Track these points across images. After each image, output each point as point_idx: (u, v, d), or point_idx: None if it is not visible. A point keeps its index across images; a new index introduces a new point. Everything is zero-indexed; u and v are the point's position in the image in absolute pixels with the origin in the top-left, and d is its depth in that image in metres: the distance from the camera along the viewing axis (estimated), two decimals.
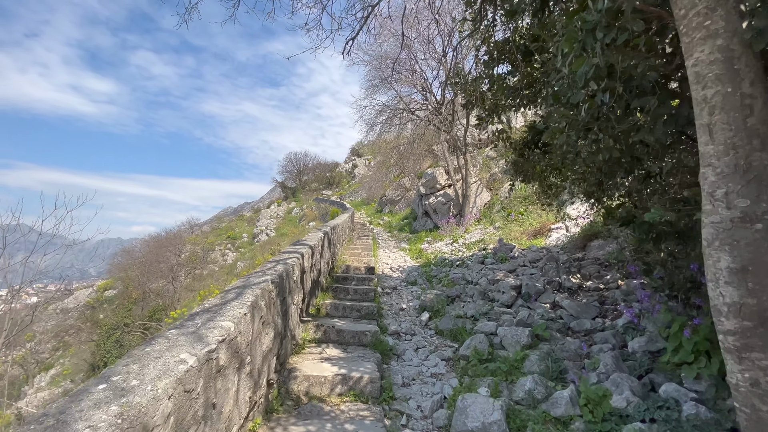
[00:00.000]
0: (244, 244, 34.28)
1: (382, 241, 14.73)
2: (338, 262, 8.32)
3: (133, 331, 19.39)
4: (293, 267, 3.76)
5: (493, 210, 13.43)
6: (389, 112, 14.29)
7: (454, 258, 9.35)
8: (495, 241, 9.60)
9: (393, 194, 26.60)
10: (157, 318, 21.15)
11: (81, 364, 21.33)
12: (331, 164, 44.04)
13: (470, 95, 6.06)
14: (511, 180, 6.21)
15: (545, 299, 5.36)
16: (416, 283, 7.90)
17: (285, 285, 3.40)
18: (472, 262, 8.49)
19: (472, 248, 9.92)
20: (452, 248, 10.56)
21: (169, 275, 21.04)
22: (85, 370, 20.91)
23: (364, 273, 7.99)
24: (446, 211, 14.77)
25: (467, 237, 11.26)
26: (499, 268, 7.27)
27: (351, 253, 9.91)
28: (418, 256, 10.73)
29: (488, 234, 10.74)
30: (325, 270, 6.33)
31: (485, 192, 14.78)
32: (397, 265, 9.83)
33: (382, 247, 13.27)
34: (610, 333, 4.05)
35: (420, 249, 11.63)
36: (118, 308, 21.69)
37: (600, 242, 6.88)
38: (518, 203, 11.89)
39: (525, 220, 10.25)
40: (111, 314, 20.99)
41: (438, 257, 9.84)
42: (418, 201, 16.79)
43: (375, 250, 11.70)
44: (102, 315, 24.95)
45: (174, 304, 21.09)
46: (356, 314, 5.45)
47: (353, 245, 11.51)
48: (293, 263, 3.76)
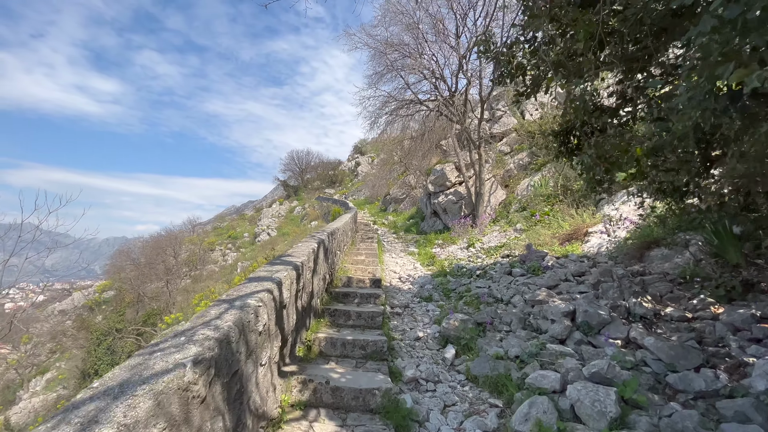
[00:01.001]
0: (245, 244, 32.94)
1: (388, 243, 13.28)
2: (338, 273, 6.88)
3: (126, 337, 18.08)
4: (257, 312, 2.31)
5: (511, 209, 11.94)
6: (395, 103, 12.80)
7: (473, 266, 7.89)
8: (520, 247, 8.12)
9: (397, 193, 25.13)
10: (152, 323, 19.84)
11: (74, 369, 20.09)
12: (333, 162, 42.59)
13: (507, 64, 4.58)
14: (581, 167, 4.73)
15: (614, 333, 3.90)
16: (431, 299, 6.44)
17: (232, 354, 1.95)
18: (496, 272, 7.03)
19: (492, 254, 8.44)
20: (468, 254, 9.09)
21: (164, 277, 19.69)
22: (76, 377, 19.63)
23: (369, 286, 6.54)
24: (457, 210, 13.30)
25: (485, 240, 9.78)
26: (534, 283, 5.80)
27: (353, 260, 8.47)
28: (429, 263, 9.26)
29: (509, 238, 9.25)
30: (320, 288, 4.90)
31: (500, 190, 13.28)
32: (406, 274, 8.37)
33: (388, 250, 11.82)
34: (749, 403, 2.59)
35: (431, 254, 10.16)
36: (112, 312, 20.39)
37: (663, 251, 5.40)
38: (541, 202, 10.39)
39: (552, 222, 8.77)
40: (102, 319, 19.68)
41: (453, 264, 8.38)
42: (426, 200, 15.31)
43: (380, 255, 10.25)
44: (101, 316, 23.70)
45: (169, 307, 19.78)
46: (359, 352, 4.00)
47: (356, 249, 10.07)
48: (255, 306, 2.29)
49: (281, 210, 36.33)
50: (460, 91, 11.61)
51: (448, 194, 13.61)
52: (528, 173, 13.27)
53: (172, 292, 19.53)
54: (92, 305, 27.31)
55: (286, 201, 38.83)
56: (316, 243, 4.53)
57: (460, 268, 8.06)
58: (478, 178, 12.26)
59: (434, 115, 12.82)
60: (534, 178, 12.51)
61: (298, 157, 40.11)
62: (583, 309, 4.20)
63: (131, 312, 21.48)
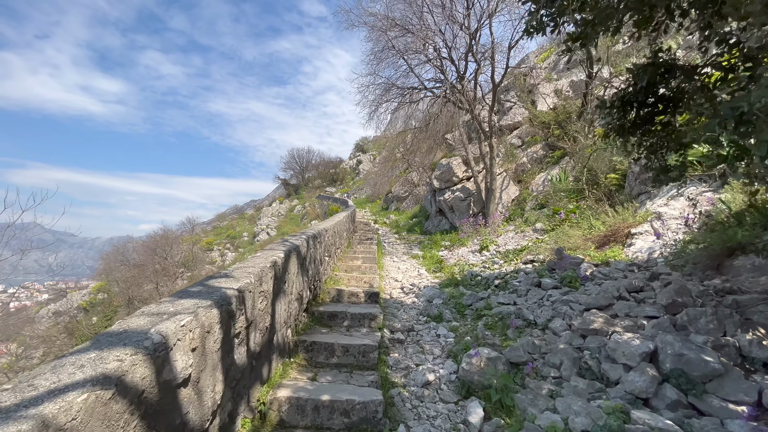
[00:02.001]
0: (244, 244, 31.64)
1: (389, 245, 11.86)
2: (326, 284, 5.47)
3: None
4: None
5: (526, 207, 10.49)
6: (397, 90, 11.36)
7: (490, 274, 6.46)
8: (545, 250, 6.68)
9: (400, 190, 23.71)
10: None
11: None
12: (334, 160, 41.19)
13: None
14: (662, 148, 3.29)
15: (732, 391, 2.48)
16: (442, 318, 5.02)
17: None
18: (520, 283, 5.59)
19: (511, 259, 7.00)
20: (482, 258, 7.65)
21: (154, 279, 18.37)
22: None
23: (364, 301, 5.14)
24: (465, 208, 11.87)
25: (500, 242, 8.33)
26: (577, 301, 4.37)
27: (348, 265, 7.07)
28: (436, 269, 7.84)
29: (530, 239, 7.80)
30: (292, 313, 3.49)
31: (512, 185, 11.84)
32: (410, 283, 6.95)
33: (390, 253, 10.41)
34: None
35: (437, 258, 8.74)
36: (99, 317, 19.10)
37: (754, 260, 3.96)
38: (562, 198, 8.93)
39: (581, 221, 7.33)
40: (85, 326, 18.38)
41: (466, 272, 6.95)
42: (431, 197, 13.88)
43: (380, 259, 8.84)
44: (95, 318, 22.45)
45: None
46: (341, 421, 2.58)
47: (352, 252, 8.66)
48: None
49: (281, 209, 34.99)
50: (468, 77, 10.18)
51: (455, 191, 12.18)
52: (543, 167, 11.82)
53: (162, 296, 18.23)
54: (87, 306, 26.11)
55: (286, 200, 37.52)
56: (282, 253, 3.11)
57: (473, 276, 6.63)
58: (488, 173, 10.82)
59: (440, 103, 11.38)
60: (551, 172, 11.07)
61: (298, 155, 38.77)
62: (675, 350, 2.77)
63: (122, 315, 20.20)
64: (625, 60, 12.32)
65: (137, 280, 18.73)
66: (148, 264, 18.97)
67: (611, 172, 8.32)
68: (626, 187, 7.85)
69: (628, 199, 7.41)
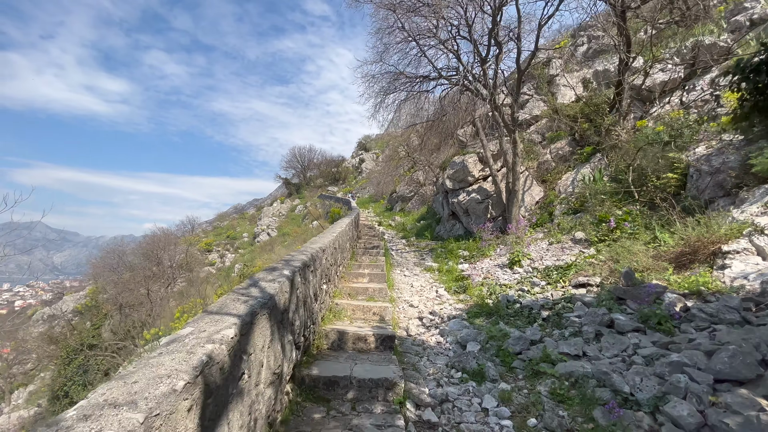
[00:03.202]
0: (244, 245, 30.24)
1: (398, 252, 10.38)
2: (323, 322, 4.00)
3: (99, 355, 15.39)
4: None
5: (555, 211, 8.98)
6: (405, 79, 9.84)
7: (532, 301, 4.97)
8: (601, 270, 5.19)
9: (405, 190, 22.20)
10: (133, 336, 17.18)
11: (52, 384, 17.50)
12: (337, 159, 39.66)
13: None
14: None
15: None
16: (484, 375, 3.54)
17: None
18: (582, 319, 4.11)
19: (556, 280, 5.50)
20: (516, 277, 6.15)
21: (145, 285, 16.97)
22: (48, 397, 17.00)
23: (375, 349, 3.68)
24: (483, 212, 10.37)
25: (534, 255, 6.82)
26: (692, 363, 2.88)
27: (352, 287, 5.58)
28: (458, 289, 6.34)
29: (573, 253, 6.29)
30: (265, 406, 2.04)
31: (536, 186, 10.33)
32: (429, 310, 5.48)
33: (399, 264, 8.93)
34: None
35: (457, 272, 7.25)
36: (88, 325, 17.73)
37: None
38: (604, 202, 7.42)
39: (639, 232, 5.82)
40: (74, 332, 17.01)
41: (498, 295, 5.47)
42: (442, 199, 12.37)
43: (389, 273, 7.37)
44: (89, 322, 21.12)
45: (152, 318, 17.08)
46: None
47: (357, 266, 7.19)
48: None
49: (282, 209, 33.55)
50: (489, 63, 8.62)
51: (471, 192, 10.67)
52: (571, 165, 10.30)
53: (155, 302, 16.83)
54: (82, 309, 24.79)
55: (288, 199, 36.08)
56: (235, 328, 1.64)
57: (510, 302, 5.14)
58: (511, 171, 9.31)
59: (455, 93, 9.87)
60: (582, 171, 9.55)
61: (300, 154, 37.27)
62: None
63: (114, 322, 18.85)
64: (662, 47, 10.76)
65: (128, 285, 17.34)
66: (139, 269, 17.57)
67: (667, 170, 6.80)
68: (689, 190, 6.33)
69: (694, 204, 5.89)
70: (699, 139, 7.36)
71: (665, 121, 8.42)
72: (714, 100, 8.42)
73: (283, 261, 3.02)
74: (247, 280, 2.32)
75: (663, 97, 9.64)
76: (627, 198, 7.32)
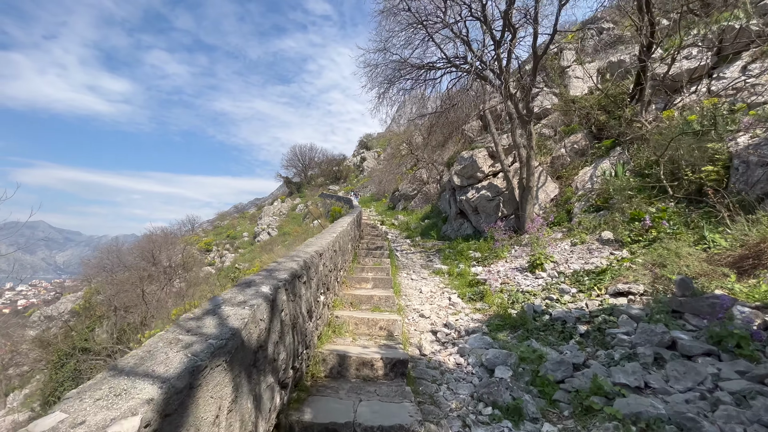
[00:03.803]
0: (244, 244, 29.52)
1: (403, 254, 9.63)
2: (320, 342, 3.26)
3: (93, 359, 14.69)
4: None
5: (573, 208, 8.22)
6: (410, 68, 9.09)
7: (564, 312, 4.22)
8: (642, 275, 4.44)
9: (407, 188, 21.44)
10: (127, 339, 16.48)
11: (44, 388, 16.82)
12: (338, 158, 38.89)
13: None
14: None
15: None
16: (521, 413, 2.78)
17: None
18: (632, 338, 3.37)
19: (590, 287, 4.74)
20: (540, 282, 5.39)
21: (140, 286, 16.26)
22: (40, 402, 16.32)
23: (383, 377, 2.92)
24: (493, 210, 9.61)
25: (557, 258, 6.06)
26: None
27: (354, 295, 4.83)
28: (474, 295, 5.59)
29: (603, 256, 5.52)
30: None
31: (550, 182, 9.56)
32: (443, 321, 4.73)
33: (405, 266, 8.18)
34: None
35: (471, 276, 6.49)
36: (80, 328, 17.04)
37: None
38: (632, 198, 6.65)
39: (680, 232, 5.07)
40: (62, 338, 16.31)
41: (522, 303, 4.73)
42: (449, 197, 11.61)
43: (395, 281, 6.63)
44: (80, 326, 20.44)
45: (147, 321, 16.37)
46: None
47: (359, 270, 6.44)
48: None
49: (283, 208, 32.82)
50: (504, 43, 7.85)
51: (481, 188, 9.91)
52: (588, 160, 9.52)
53: (150, 304, 16.11)
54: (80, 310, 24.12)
55: (288, 198, 35.35)
56: (143, 410, 0.92)
57: (538, 313, 4.39)
58: (525, 166, 8.55)
59: (464, 83, 9.10)
60: (602, 165, 8.78)
61: (301, 153, 36.52)
62: None
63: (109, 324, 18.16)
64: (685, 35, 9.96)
65: (123, 287, 16.64)
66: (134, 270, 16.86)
67: (705, 162, 6.03)
68: (734, 184, 5.56)
69: (740, 200, 5.12)
70: (736, 129, 6.59)
71: (696, 110, 7.66)
72: (749, 88, 7.65)
73: (265, 271, 2.26)
74: (204, 304, 1.58)
75: (689, 86, 8.86)
76: (658, 194, 6.56)
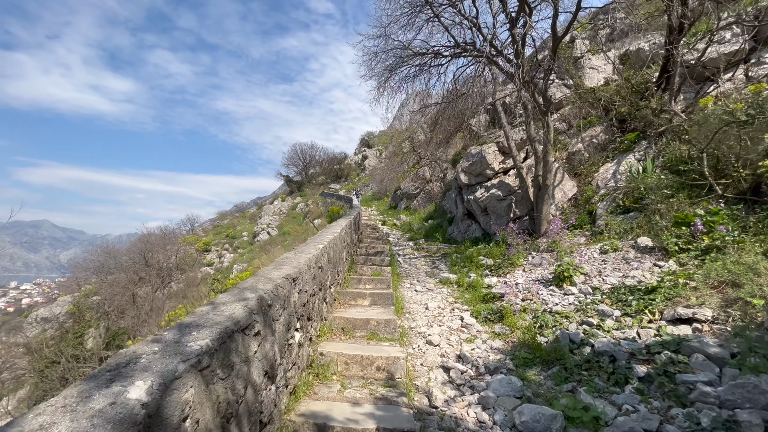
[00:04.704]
0: (244, 244, 28.66)
1: (406, 259, 8.68)
2: (293, 400, 2.28)
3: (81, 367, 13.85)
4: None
5: (596, 209, 7.24)
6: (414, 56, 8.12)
7: (610, 344, 3.27)
8: (705, 295, 3.48)
9: (410, 187, 20.47)
10: (117, 345, 15.65)
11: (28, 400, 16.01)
12: (339, 156, 37.92)
13: None
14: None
15: None
16: None
17: None
18: (718, 390, 2.44)
19: (634, 308, 3.78)
20: (571, 300, 4.42)
21: (131, 288, 15.42)
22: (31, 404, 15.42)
23: None
24: (505, 210, 8.65)
25: (588, 269, 5.09)
26: None
27: (346, 320, 3.88)
28: (491, 314, 4.64)
29: (647, 269, 4.55)
30: None
31: (567, 179, 8.58)
32: (454, 350, 3.78)
33: (408, 274, 7.23)
34: None
35: (483, 287, 5.54)
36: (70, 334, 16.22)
37: None
38: (668, 198, 5.68)
39: (741, 240, 4.10)
40: (46, 344, 15.48)
41: (552, 328, 3.78)
42: (455, 196, 10.64)
43: (396, 288, 5.68)
44: (69, 333, 19.63)
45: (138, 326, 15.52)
46: None
47: (356, 280, 5.50)
48: None
49: (283, 207, 31.91)
50: (522, 20, 6.86)
51: (491, 187, 8.94)
52: (610, 155, 8.53)
53: (141, 307, 15.26)
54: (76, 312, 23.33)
55: (289, 197, 34.46)
56: None
57: (576, 344, 3.44)
58: (541, 162, 7.58)
59: (472, 72, 8.11)
60: (627, 160, 7.80)
61: (301, 151, 35.58)
62: None
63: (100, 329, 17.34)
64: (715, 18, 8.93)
65: (114, 290, 15.80)
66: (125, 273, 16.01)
67: (762, 157, 5.04)
68: None
69: None
70: None
71: (735, 99, 6.67)
72: None
73: (176, 330, 1.32)
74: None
75: (723, 73, 7.85)
76: (700, 193, 5.58)
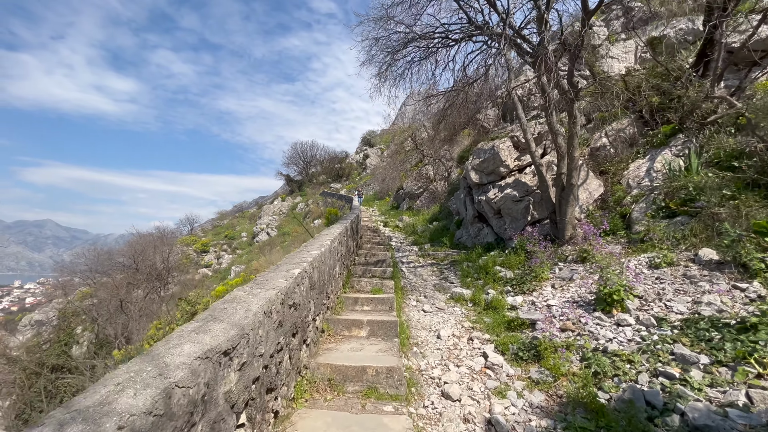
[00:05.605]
0: (243, 245, 27.70)
1: (410, 268, 7.63)
2: None
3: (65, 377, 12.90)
4: None
5: (631, 212, 6.17)
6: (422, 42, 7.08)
7: (711, 414, 2.25)
8: None
9: (412, 186, 19.41)
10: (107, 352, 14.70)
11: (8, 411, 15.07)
12: (340, 155, 36.86)
13: None
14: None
15: None
16: None
17: None
18: None
19: (726, 352, 2.75)
20: (628, 334, 3.38)
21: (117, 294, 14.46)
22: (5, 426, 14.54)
23: None
24: (521, 213, 7.58)
25: (641, 291, 4.03)
26: None
27: (334, 367, 2.82)
28: (522, 349, 3.60)
29: (725, 291, 3.51)
30: None
31: (592, 178, 7.51)
32: (480, 410, 2.75)
33: (413, 288, 6.18)
34: None
35: (506, 308, 4.50)
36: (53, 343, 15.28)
37: None
38: (730, 200, 4.63)
39: None
40: (27, 353, 14.54)
41: (612, 377, 2.75)
42: (464, 196, 9.56)
43: (400, 311, 4.64)
44: (80, 328, 18.71)
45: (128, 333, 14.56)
46: None
47: (353, 301, 4.45)
48: None
49: (283, 207, 30.92)
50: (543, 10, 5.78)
51: (505, 187, 7.88)
52: (640, 150, 7.46)
53: (130, 314, 14.30)
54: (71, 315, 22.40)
55: (289, 197, 33.46)
56: None
57: (656, 409, 2.41)
58: (566, 158, 6.51)
59: (487, 55, 7.05)
60: (662, 155, 6.73)
61: (302, 150, 34.54)
62: None
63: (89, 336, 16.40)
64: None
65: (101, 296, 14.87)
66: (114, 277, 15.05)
67: None
68: None
69: None
70: None
71: None
72: None
73: None
74: None
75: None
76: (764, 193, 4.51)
